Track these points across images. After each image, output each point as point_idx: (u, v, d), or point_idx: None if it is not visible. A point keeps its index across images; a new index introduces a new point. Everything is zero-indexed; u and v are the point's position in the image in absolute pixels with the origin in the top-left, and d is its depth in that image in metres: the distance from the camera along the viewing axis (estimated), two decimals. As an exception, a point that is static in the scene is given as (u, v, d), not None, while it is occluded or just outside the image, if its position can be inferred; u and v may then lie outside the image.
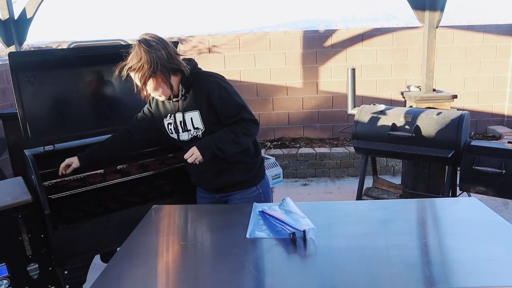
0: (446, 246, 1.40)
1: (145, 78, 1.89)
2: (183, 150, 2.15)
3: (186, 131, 2.04)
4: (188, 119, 2.01)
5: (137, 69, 1.87)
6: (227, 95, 1.98)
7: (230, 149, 1.94)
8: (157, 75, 1.90)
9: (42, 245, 2.15)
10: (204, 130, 2.00)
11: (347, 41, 5.95)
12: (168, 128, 2.10)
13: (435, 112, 3.48)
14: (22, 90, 2.30)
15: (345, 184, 5.05)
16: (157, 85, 1.93)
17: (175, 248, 1.44)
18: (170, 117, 2.08)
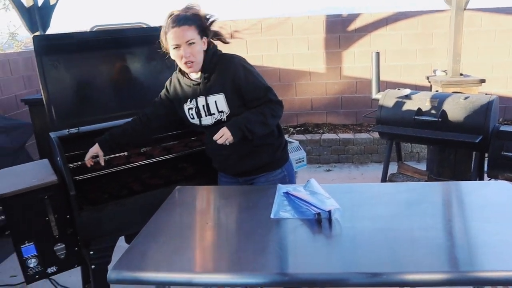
0: (473, 229, 1.36)
1: (198, 33, 1.89)
2: (206, 135, 2.15)
3: (209, 115, 2.01)
4: (211, 103, 1.99)
5: (193, 20, 1.89)
6: (252, 77, 1.96)
7: (259, 130, 1.92)
8: (202, 40, 1.92)
9: (68, 225, 2.19)
10: (229, 113, 1.98)
11: (371, 26, 5.83)
12: (189, 114, 2.07)
13: (462, 96, 3.39)
14: (46, 74, 2.33)
15: (368, 170, 4.99)
16: (199, 48, 1.92)
17: (199, 227, 1.44)
18: (191, 101, 2.05)
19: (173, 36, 1.89)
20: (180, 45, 1.89)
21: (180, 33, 1.88)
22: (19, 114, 5.10)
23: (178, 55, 1.92)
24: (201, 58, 1.94)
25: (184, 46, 1.88)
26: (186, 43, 1.88)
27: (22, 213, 2.09)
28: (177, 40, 1.88)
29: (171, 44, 1.91)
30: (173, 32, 1.88)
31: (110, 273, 1.20)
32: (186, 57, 1.90)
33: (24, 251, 2.10)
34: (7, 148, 3.89)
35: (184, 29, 1.87)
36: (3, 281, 3.03)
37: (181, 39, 1.88)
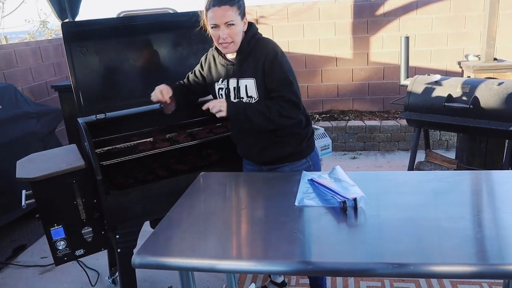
0: (503, 221, 1.31)
1: (239, 13, 1.85)
2: (231, 120, 2.13)
3: (238, 98, 1.96)
4: (242, 86, 1.94)
5: (235, 3, 1.84)
6: (278, 67, 1.89)
7: (258, 121, 1.86)
8: (243, 20, 1.89)
9: (95, 210, 2.24)
10: (259, 99, 1.92)
11: (400, 9, 5.67)
12: (218, 94, 2.04)
13: (496, 82, 3.26)
14: (74, 60, 2.36)
15: (395, 158, 4.90)
16: (239, 29, 1.87)
17: (223, 213, 1.44)
18: (223, 82, 2.01)
19: (212, 15, 1.84)
20: (219, 25, 1.84)
21: (220, 13, 1.82)
22: (49, 100, 5.22)
23: (215, 35, 1.87)
24: (239, 39, 1.90)
25: (223, 26, 1.83)
26: (225, 24, 1.83)
27: (51, 196, 2.14)
28: (216, 20, 1.83)
29: (210, 23, 1.87)
30: (213, 11, 1.83)
31: (135, 258, 1.21)
32: (223, 38, 1.86)
33: (53, 234, 2.16)
34: (38, 133, 3.99)
35: (224, 9, 1.82)
36: (34, 261, 3.14)
37: (220, 19, 1.82)
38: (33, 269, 3.05)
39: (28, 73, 5.01)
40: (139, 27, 2.49)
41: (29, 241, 3.47)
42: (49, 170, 2.15)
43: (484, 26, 3.92)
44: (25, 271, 3.05)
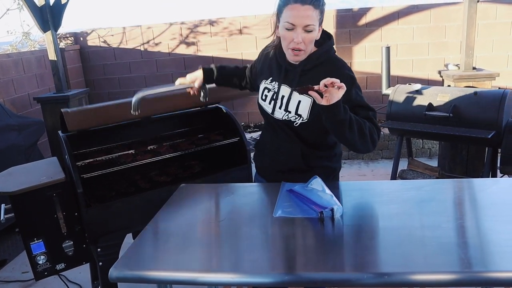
0: (483, 228, 1.33)
1: (319, 19, 1.58)
2: (266, 128, 1.91)
3: (285, 110, 1.70)
4: (294, 100, 1.68)
5: (319, 2, 1.56)
6: (359, 95, 1.64)
7: (353, 130, 1.50)
8: (319, 28, 1.62)
9: (76, 223, 2.22)
10: (306, 121, 1.66)
11: (382, 20, 5.76)
12: (262, 93, 1.79)
13: (474, 91, 3.33)
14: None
15: (379, 167, 4.94)
16: (314, 37, 1.61)
17: (201, 226, 1.43)
18: (272, 82, 1.76)
19: (291, 13, 1.54)
20: (295, 27, 1.55)
21: (302, 13, 1.53)
22: (32, 112, 5.16)
23: (288, 37, 1.58)
24: (310, 49, 1.64)
25: (300, 29, 1.55)
26: (303, 27, 1.55)
27: (31, 210, 2.12)
28: (295, 19, 1.54)
29: (286, 21, 1.56)
30: (294, 8, 1.54)
31: (112, 271, 1.20)
32: (297, 43, 1.57)
33: (33, 248, 2.13)
34: (20, 146, 3.94)
35: (307, 9, 1.53)
36: (15, 277, 3.08)
37: (300, 19, 1.53)
38: (14, 285, 3.00)
39: (10, 85, 4.96)
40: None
41: (10, 256, 3.41)
42: (29, 183, 2.13)
43: (463, 36, 4.00)
44: (6, 286, 2.99)
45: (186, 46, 6.20)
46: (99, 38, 6.37)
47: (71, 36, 6.47)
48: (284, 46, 1.65)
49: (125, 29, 6.29)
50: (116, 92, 6.50)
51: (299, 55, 1.62)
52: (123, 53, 6.35)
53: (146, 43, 6.28)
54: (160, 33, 6.21)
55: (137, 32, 6.25)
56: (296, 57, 1.64)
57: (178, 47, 6.22)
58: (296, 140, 1.75)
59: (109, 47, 6.36)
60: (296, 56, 1.63)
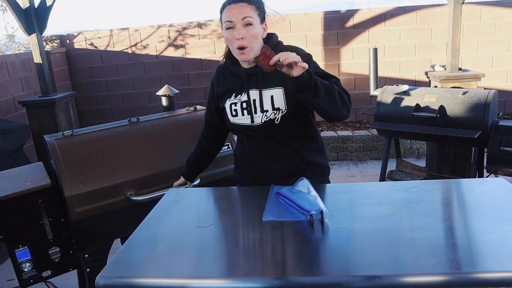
0: (472, 228, 1.33)
1: (258, 14, 1.63)
2: (240, 147, 1.90)
3: (262, 112, 1.70)
4: (267, 98, 1.69)
5: (253, 2, 1.63)
6: (320, 68, 1.68)
7: (323, 94, 1.51)
8: (262, 25, 1.67)
9: (62, 229, 2.18)
10: (286, 112, 1.68)
11: (369, 21, 5.80)
12: (230, 111, 1.77)
13: (460, 92, 3.36)
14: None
15: (368, 168, 4.97)
16: (257, 32, 1.63)
17: (190, 231, 1.42)
18: (237, 96, 1.75)
19: (228, 13, 1.63)
20: (234, 24, 1.61)
21: (237, 10, 1.61)
22: (17, 116, 5.10)
23: (231, 36, 1.63)
24: (257, 45, 1.64)
25: (239, 26, 1.60)
26: (241, 22, 1.60)
27: (15, 217, 2.08)
28: (231, 17, 1.61)
29: (224, 23, 1.64)
30: (229, 9, 1.63)
31: (99, 279, 1.17)
32: (239, 39, 1.61)
33: (18, 255, 2.09)
34: (5, 150, 3.87)
35: (241, 6, 1.61)
36: (0, 285, 3.03)
37: (236, 16, 1.60)
38: (-1, 292, 2.95)
39: (-6, 89, 4.89)
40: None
41: (-5, 263, 3.35)
42: (14, 189, 2.09)
43: (449, 37, 4.04)
44: (-10, 294, 2.95)
45: (174, 48, 6.18)
46: (86, 41, 6.31)
47: (57, 39, 6.40)
48: (231, 48, 1.69)
49: (112, 32, 6.24)
50: (103, 95, 6.45)
51: (245, 53, 1.63)
52: (111, 55, 6.30)
53: (134, 46, 6.24)
54: (148, 36, 6.18)
55: (125, 35, 6.21)
56: (243, 56, 1.65)
57: (166, 49, 6.20)
58: (283, 141, 1.75)
59: (96, 49, 6.31)
60: (242, 55, 1.64)
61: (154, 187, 2.31)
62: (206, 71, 6.18)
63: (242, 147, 1.89)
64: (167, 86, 2.93)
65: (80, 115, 6.24)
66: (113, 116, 6.42)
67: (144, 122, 2.50)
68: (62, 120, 4.80)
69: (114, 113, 6.47)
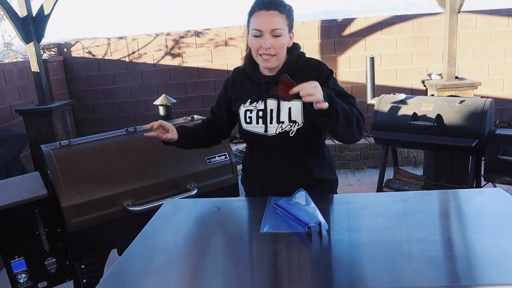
0: (470, 240, 1.33)
1: (287, 24, 1.60)
2: (249, 156, 1.85)
3: (278, 123, 1.65)
4: (285, 109, 1.64)
5: (284, 7, 1.60)
6: (339, 86, 1.66)
7: (342, 118, 1.46)
8: (290, 34, 1.64)
9: (59, 239, 2.16)
10: (302, 126, 1.64)
11: (366, 30, 5.83)
12: (245, 117, 1.71)
13: (457, 100, 3.37)
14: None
15: (365, 176, 4.97)
16: (284, 42, 1.60)
17: (186, 243, 1.41)
18: (253, 103, 1.70)
19: (257, 20, 1.57)
20: (262, 33, 1.56)
21: (267, 18, 1.56)
22: (13, 125, 5.08)
23: (257, 44, 1.59)
24: (282, 55, 1.63)
25: (267, 35, 1.56)
26: (270, 32, 1.56)
27: (11, 227, 2.06)
28: (261, 25, 1.56)
29: (253, 28, 1.58)
30: (259, 16, 1.57)
31: (95, 293, 1.16)
32: (265, 48, 1.57)
33: (14, 266, 2.07)
34: (1, 159, 3.86)
35: (272, 15, 1.56)
36: (-4, 295, 3.00)
37: (266, 25, 1.56)
38: (-5, 303, 2.92)
39: (-9, 97, 4.88)
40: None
41: (-9, 273, 3.32)
42: (10, 199, 2.07)
43: (445, 46, 4.06)
44: (-15, 305, 2.91)
45: (171, 57, 6.19)
46: (83, 49, 6.32)
47: (55, 47, 6.41)
48: (254, 55, 1.64)
49: (110, 40, 6.25)
50: (101, 103, 6.44)
51: (269, 61, 1.60)
52: (108, 64, 6.31)
53: (131, 54, 6.25)
54: (145, 44, 6.19)
55: (122, 43, 6.22)
56: (267, 63, 1.61)
57: (164, 58, 6.20)
58: (294, 154, 1.73)
59: (93, 58, 6.31)
60: (266, 62, 1.61)
61: (152, 197, 2.30)
62: (203, 80, 6.19)
63: (252, 157, 1.85)
64: (164, 95, 2.94)
65: (77, 123, 6.22)
66: (110, 124, 6.41)
67: (141, 131, 2.49)
68: (59, 129, 4.79)
69: (111, 121, 6.46)
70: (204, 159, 2.45)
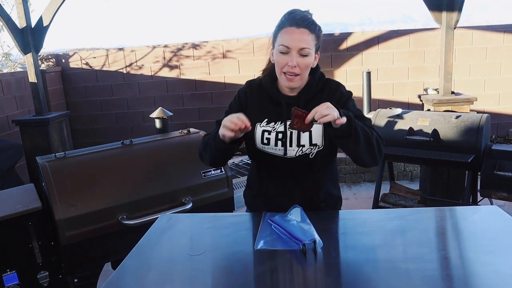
0: (467, 259, 1.32)
1: (315, 44, 1.54)
2: (257, 172, 1.76)
3: (298, 146, 1.59)
4: (305, 133, 1.59)
5: (315, 26, 1.55)
6: (357, 108, 1.64)
7: (362, 141, 1.44)
8: (315, 55, 1.59)
9: (52, 252, 2.14)
10: (322, 148, 1.59)
11: (363, 44, 5.87)
12: (262, 138, 1.62)
13: (453, 115, 3.38)
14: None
15: (361, 190, 4.96)
16: (310, 62, 1.54)
17: (181, 259, 1.39)
18: (271, 123, 1.62)
19: (287, 36, 1.51)
20: (290, 50, 1.50)
21: (297, 36, 1.50)
22: (10, 135, 5.07)
23: (282, 61, 1.52)
24: (306, 75, 1.58)
25: (295, 53, 1.50)
26: (298, 51, 1.50)
27: (4, 240, 2.04)
28: (290, 42, 1.50)
29: (280, 44, 1.51)
30: (289, 32, 1.51)
31: (87, 310, 1.15)
32: (291, 66, 1.51)
33: (5, 280, 2.05)
34: (-4, 170, 3.84)
35: (303, 33, 1.50)
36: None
37: (295, 42, 1.49)
38: (-14, 317, 2.88)
39: (-12, 108, 4.88)
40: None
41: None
42: (3, 212, 2.06)
43: (441, 61, 4.09)
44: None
45: (169, 69, 6.21)
46: (81, 60, 6.33)
47: (53, 58, 6.42)
48: (277, 71, 1.57)
49: (108, 52, 6.27)
50: (98, 114, 6.44)
51: (293, 80, 1.54)
52: (106, 75, 6.32)
53: (129, 66, 6.27)
54: (143, 56, 6.21)
55: (120, 55, 6.24)
56: (290, 83, 1.55)
57: (161, 70, 6.22)
58: (309, 176, 1.67)
59: (91, 69, 6.33)
60: (290, 82, 1.54)
61: (147, 211, 2.29)
62: (200, 92, 6.20)
63: (260, 176, 1.76)
64: (160, 108, 2.93)
65: (74, 134, 6.21)
66: (107, 135, 6.40)
67: (137, 144, 2.49)
68: (55, 140, 4.78)
69: (108, 132, 6.45)
70: (200, 172, 2.44)
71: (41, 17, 4.66)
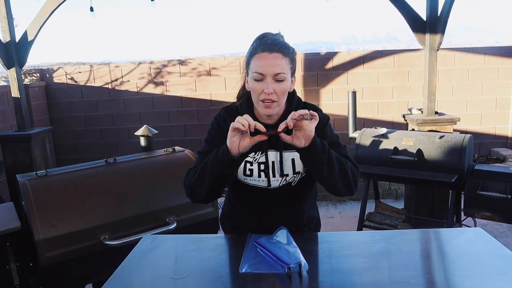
0: (452, 283, 1.32)
1: (290, 68, 1.51)
2: (237, 200, 1.73)
3: (281, 176, 1.57)
4: (288, 161, 1.55)
5: (288, 50, 1.51)
6: (335, 135, 1.61)
7: (337, 169, 1.43)
8: (292, 79, 1.55)
9: (30, 274, 2.08)
10: (304, 175, 1.58)
11: (348, 64, 5.94)
12: (245, 170, 1.58)
13: (437, 136, 3.43)
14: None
15: (347, 208, 4.96)
16: (286, 87, 1.50)
17: (164, 283, 1.36)
18: (258, 154, 1.57)
19: (260, 62, 1.46)
20: (265, 77, 1.45)
21: (270, 62, 1.45)
22: (-10, 151, 4.96)
23: (258, 88, 1.47)
24: (284, 101, 1.53)
25: (270, 79, 1.45)
26: (273, 76, 1.45)
27: (-20, 262, 1.98)
28: (264, 68, 1.45)
29: (254, 71, 1.47)
30: (261, 58, 1.46)
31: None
32: (267, 93, 1.45)
33: (-19, 303, 1.98)
34: (-25, 187, 3.75)
35: (276, 58, 1.45)
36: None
37: (269, 68, 1.44)
38: None
39: (-32, 123, 4.78)
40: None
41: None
42: (-20, 232, 2.00)
43: (425, 82, 4.16)
44: None
45: (154, 85, 6.19)
46: (66, 75, 6.27)
47: (37, 72, 6.35)
48: (254, 100, 1.52)
49: (93, 67, 6.23)
50: (82, 130, 6.37)
51: (271, 107, 1.48)
52: (90, 91, 6.27)
53: (114, 81, 6.23)
54: (129, 72, 6.19)
55: (105, 70, 6.21)
56: (268, 109, 1.49)
57: (147, 86, 6.20)
58: (292, 203, 1.66)
59: (76, 84, 6.27)
60: (267, 109, 1.48)
61: (130, 231, 2.24)
62: (186, 109, 6.18)
63: (238, 207, 1.73)
64: (145, 126, 2.91)
65: (57, 149, 6.12)
66: (91, 151, 6.32)
67: (122, 163, 2.46)
68: (38, 155, 4.70)
69: (92, 148, 6.37)
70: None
71: (25, 31, 4.62)
